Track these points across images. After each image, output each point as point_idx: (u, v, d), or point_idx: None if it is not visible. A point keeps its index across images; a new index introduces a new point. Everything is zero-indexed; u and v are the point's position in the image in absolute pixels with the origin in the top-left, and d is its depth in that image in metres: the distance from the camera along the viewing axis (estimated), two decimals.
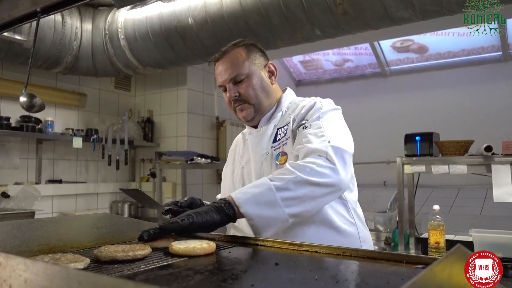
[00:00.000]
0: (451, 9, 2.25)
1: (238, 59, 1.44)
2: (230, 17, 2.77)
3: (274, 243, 1.04)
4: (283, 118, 1.48)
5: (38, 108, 2.02)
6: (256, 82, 1.45)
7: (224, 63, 1.46)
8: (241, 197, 1.12)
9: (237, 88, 1.44)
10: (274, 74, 1.53)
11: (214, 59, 1.50)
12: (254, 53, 1.49)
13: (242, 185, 1.44)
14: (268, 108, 1.49)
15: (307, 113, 1.39)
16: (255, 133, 1.52)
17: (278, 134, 1.45)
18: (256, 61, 1.48)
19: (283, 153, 1.39)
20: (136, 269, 0.82)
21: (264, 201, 1.13)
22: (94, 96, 4.18)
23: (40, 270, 0.49)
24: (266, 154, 1.43)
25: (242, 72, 1.43)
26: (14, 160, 3.45)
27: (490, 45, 4.49)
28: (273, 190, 1.14)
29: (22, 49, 2.98)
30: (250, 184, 1.23)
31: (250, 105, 1.45)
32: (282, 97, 1.53)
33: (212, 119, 4.49)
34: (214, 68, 1.52)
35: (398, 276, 0.77)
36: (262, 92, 1.46)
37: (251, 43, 1.51)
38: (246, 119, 1.49)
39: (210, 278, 0.74)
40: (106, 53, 3.43)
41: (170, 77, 4.34)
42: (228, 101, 1.49)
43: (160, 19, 3.08)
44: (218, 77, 1.48)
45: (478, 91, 4.47)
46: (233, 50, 1.47)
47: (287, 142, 1.39)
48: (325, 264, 0.88)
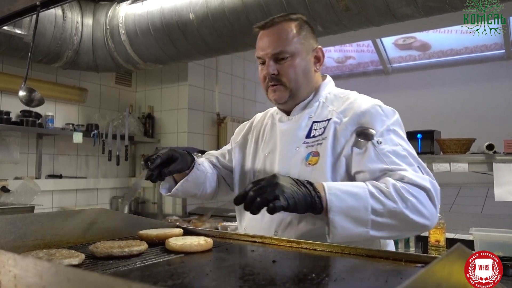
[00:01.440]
0: (454, 6, 2.23)
1: (287, 34, 1.28)
2: (231, 12, 2.75)
3: (272, 240, 1.03)
4: (320, 110, 1.33)
5: (37, 102, 2.01)
6: (300, 64, 1.29)
7: (270, 35, 1.30)
8: (335, 202, 1.04)
9: (277, 66, 1.29)
10: (320, 61, 1.37)
11: (260, 26, 1.33)
12: (306, 32, 1.32)
13: (264, 175, 1.32)
14: (305, 95, 1.34)
15: (367, 119, 1.22)
16: (286, 120, 1.38)
17: (313, 129, 1.30)
18: (305, 41, 1.32)
19: (315, 153, 1.25)
20: (132, 265, 0.81)
21: (355, 216, 1.04)
22: (95, 91, 4.16)
23: (30, 266, 0.48)
24: (296, 150, 1.29)
25: (288, 49, 1.27)
26: (14, 155, 3.44)
27: (493, 43, 4.46)
28: (369, 210, 1.05)
29: (23, 43, 2.97)
30: (347, 184, 1.11)
31: (286, 88, 1.30)
32: (321, 85, 1.38)
33: (213, 115, 4.47)
34: (257, 37, 1.35)
35: (397, 274, 0.76)
36: (303, 77, 1.31)
37: (305, 20, 1.35)
38: (277, 102, 1.35)
39: (205, 275, 0.73)
40: (106, 48, 3.41)
41: (171, 73, 4.32)
42: (262, 77, 1.34)
43: (161, 14, 3.07)
44: (259, 49, 1.32)
45: (480, 89, 4.44)
46: (284, 22, 1.31)
47: (322, 143, 1.25)
48: (324, 262, 0.87)
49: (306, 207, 1.02)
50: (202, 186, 1.43)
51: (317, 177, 1.17)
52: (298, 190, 1.01)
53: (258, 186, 0.98)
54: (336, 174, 1.21)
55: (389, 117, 1.23)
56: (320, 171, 1.20)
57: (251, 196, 0.96)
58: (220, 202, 4.47)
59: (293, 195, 0.99)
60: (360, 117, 1.22)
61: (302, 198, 1.01)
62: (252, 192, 0.97)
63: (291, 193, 0.99)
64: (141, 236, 1.04)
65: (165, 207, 4.15)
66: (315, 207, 1.03)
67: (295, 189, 1.00)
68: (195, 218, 3.61)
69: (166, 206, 4.16)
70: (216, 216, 3.72)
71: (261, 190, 0.96)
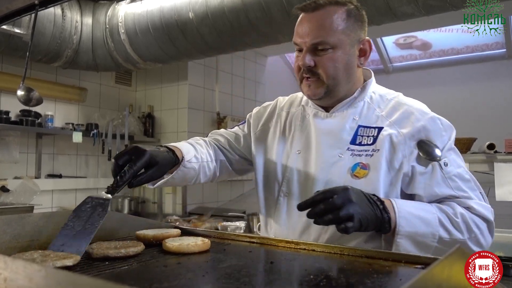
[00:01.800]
0: (455, 5, 2.22)
1: (331, 22, 1.11)
2: (231, 11, 2.74)
3: (270, 240, 1.02)
4: (366, 112, 1.20)
5: (36, 101, 2.01)
6: (341, 58, 1.13)
7: (311, 20, 1.13)
8: (405, 227, 1.00)
9: (315, 58, 1.13)
10: (366, 55, 1.20)
11: (302, 8, 1.16)
12: (354, 21, 1.15)
13: (297, 176, 1.21)
14: (343, 93, 1.19)
15: (427, 134, 1.12)
16: (324, 117, 1.23)
17: (359, 134, 1.17)
18: (352, 32, 1.14)
19: (363, 165, 1.12)
20: (128, 266, 0.80)
21: (421, 242, 1.02)
22: (95, 90, 4.16)
23: (20, 269, 0.47)
24: (340, 156, 1.15)
25: (330, 40, 1.11)
26: (13, 154, 3.44)
27: (494, 42, 4.44)
28: (436, 238, 1.02)
29: (22, 43, 2.96)
30: (417, 207, 1.05)
31: (323, 83, 1.15)
32: (367, 83, 1.23)
33: (213, 115, 4.46)
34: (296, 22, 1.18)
35: (396, 276, 0.75)
36: (343, 73, 1.15)
37: (355, 5, 1.17)
38: (311, 98, 1.21)
39: (201, 276, 0.72)
40: (106, 47, 3.41)
41: (171, 72, 4.31)
42: (297, 67, 1.18)
43: (160, 13, 3.06)
44: (297, 35, 1.16)
45: (481, 89, 4.43)
46: (330, 6, 1.13)
47: (373, 155, 1.12)
48: (322, 263, 0.86)
49: (374, 228, 0.98)
50: (193, 179, 1.29)
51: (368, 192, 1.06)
52: (371, 210, 0.96)
53: (330, 200, 0.92)
54: (392, 192, 1.11)
55: (447, 132, 1.15)
56: (371, 187, 1.08)
57: (321, 209, 0.92)
58: (220, 201, 4.47)
59: (366, 216, 0.94)
60: (421, 131, 1.12)
61: (374, 219, 0.97)
62: (322, 205, 0.92)
63: (365, 214, 0.94)
64: (138, 236, 1.03)
65: (165, 206, 4.15)
66: (383, 229, 1.00)
67: (368, 209, 0.95)
68: (195, 218, 3.60)
69: (166, 206, 4.15)
70: (216, 215, 3.71)
71: (333, 206, 0.91)
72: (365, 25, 1.20)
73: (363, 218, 0.93)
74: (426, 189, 1.10)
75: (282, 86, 5.44)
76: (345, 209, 0.91)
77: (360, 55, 1.19)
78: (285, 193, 1.23)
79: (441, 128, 1.14)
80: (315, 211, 0.93)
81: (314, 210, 0.93)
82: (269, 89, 5.22)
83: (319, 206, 0.93)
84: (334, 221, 0.92)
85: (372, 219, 0.96)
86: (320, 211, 0.92)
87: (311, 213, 0.94)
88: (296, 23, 1.18)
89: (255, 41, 2.96)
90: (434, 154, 1.10)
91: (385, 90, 1.27)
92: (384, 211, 0.98)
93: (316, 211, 0.93)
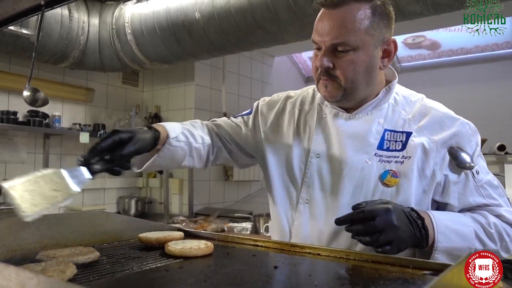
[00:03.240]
0: (465, 4, 2.18)
1: (354, 21, 1.02)
2: (238, 11, 2.73)
3: (275, 244, 1.00)
4: (391, 115, 1.13)
5: (42, 102, 2.01)
6: (362, 60, 1.04)
7: (332, 18, 1.04)
8: (443, 243, 0.98)
9: (334, 59, 1.05)
10: (390, 56, 1.11)
11: (323, 2, 1.06)
12: (380, 19, 1.05)
13: (318, 182, 1.13)
14: (363, 96, 1.12)
15: (458, 140, 1.09)
16: (346, 119, 1.15)
17: (386, 139, 1.10)
18: (376, 31, 1.05)
19: (394, 173, 1.06)
20: (129, 270, 0.78)
21: (457, 255, 0.99)
22: (102, 91, 4.16)
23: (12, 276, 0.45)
24: (367, 162, 1.08)
25: (351, 41, 1.02)
26: (21, 155, 3.45)
27: (505, 42, 4.38)
28: (472, 252, 0.96)
29: (29, 43, 2.97)
30: (455, 220, 1.03)
31: (340, 86, 1.07)
32: (392, 84, 1.16)
33: (220, 115, 4.44)
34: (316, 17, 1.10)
35: (404, 282, 0.73)
36: (364, 77, 1.07)
37: (381, 1, 1.07)
38: (328, 100, 1.13)
39: (203, 282, 0.70)
40: (113, 48, 3.41)
41: (178, 73, 4.30)
42: (315, 68, 1.11)
43: (167, 13, 3.05)
44: (317, 32, 1.08)
45: (491, 89, 4.37)
46: (354, 3, 1.03)
47: (404, 162, 1.06)
48: (327, 268, 0.84)
49: (411, 246, 0.97)
50: (183, 160, 1.20)
51: (399, 202, 1.02)
52: (411, 232, 0.94)
53: (371, 223, 0.89)
54: (424, 201, 1.07)
55: (475, 137, 1.12)
56: (402, 196, 1.04)
57: (360, 229, 0.91)
58: (227, 202, 4.46)
59: (406, 240, 0.93)
60: (452, 138, 1.08)
61: (411, 240, 0.94)
62: (362, 227, 0.90)
63: (405, 239, 0.92)
64: (141, 239, 1.01)
65: (172, 207, 4.14)
66: (420, 246, 0.98)
67: (408, 233, 0.93)
68: (202, 219, 3.59)
69: (173, 206, 4.14)
70: (223, 216, 3.70)
71: (374, 229, 0.89)
72: (392, 22, 1.10)
73: (402, 244, 0.92)
74: (460, 198, 1.07)
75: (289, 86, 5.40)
76: (385, 234, 0.89)
77: (384, 56, 1.10)
78: (305, 200, 1.15)
79: (470, 133, 1.11)
80: (354, 229, 0.92)
81: (352, 228, 0.92)
82: (276, 89, 5.20)
83: (358, 226, 0.91)
84: (372, 244, 0.90)
85: (411, 241, 0.95)
86: (358, 232, 0.91)
87: (349, 230, 0.92)
88: (316, 18, 1.10)
89: (261, 41, 2.94)
90: (466, 161, 1.06)
91: (408, 91, 1.21)
92: (423, 229, 0.96)
93: (355, 230, 0.92)
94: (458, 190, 1.07)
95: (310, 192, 1.14)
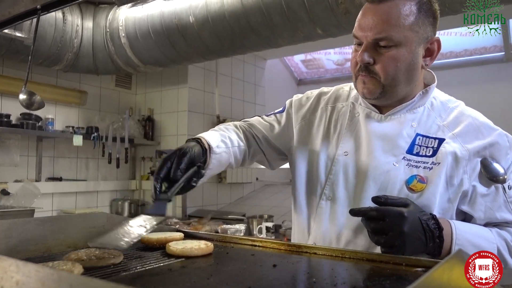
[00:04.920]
0: (454, 9, 2.24)
1: (398, 16, 1.00)
2: (231, 15, 2.76)
3: (272, 244, 1.03)
4: (425, 120, 1.10)
5: (38, 105, 2.02)
6: (405, 57, 1.02)
7: (376, 13, 1.02)
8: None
9: (375, 54, 1.03)
10: (432, 55, 1.09)
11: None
12: (425, 17, 1.03)
13: (343, 179, 1.12)
14: (402, 95, 1.09)
15: (493, 151, 1.04)
16: (378, 119, 1.13)
17: (416, 143, 1.07)
18: (420, 29, 1.03)
19: (421, 179, 1.03)
20: (133, 270, 0.81)
21: None
22: (95, 93, 4.17)
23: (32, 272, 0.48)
24: (394, 165, 1.06)
25: (394, 36, 1.00)
26: (14, 158, 3.45)
27: (493, 46, 4.47)
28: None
29: (23, 46, 2.97)
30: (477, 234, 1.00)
31: (379, 83, 1.05)
32: (431, 87, 1.13)
33: (213, 118, 4.47)
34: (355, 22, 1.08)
35: (397, 279, 0.76)
36: (405, 74, 1.04)
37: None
38: (366, 97, 1.10)
39: (206, 279, 0.73)
40: (106, 51, 3.42)
41: (171, 76, 4.32)
42: (354, 63, 1.08)
43: (161, 17, 3.07)
44: (359, 27, 1.05)
45: (480, 92, 4.45)
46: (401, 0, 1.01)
47: (433, 168, 1.03)
48: (324, 266, 0.87)
49: (417, 253, 0.93)
50: (227, 164, 1.22)
51: (423, 208, 1.00)
52: (421, 240, 0.92)
53: (381, 223, 0.91)
54: (449, 209, 1.04)
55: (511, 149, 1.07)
56: (427, 202, 1.01)
57: (371, 227, 0.92)
58: (220, 204, 4.48)
59: (412, 248, 0.91)
60: (486, 148, 1.04)
61: (419, 248, 0.93)
62: (372, 225, 0.92)
63: (410, 246, 0.90)
64: (142, 240, 1.04)
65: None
66: (431, 255, 0.95)
67: (418, 242, 0.91)
68: (195, 221, 3.61)
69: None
70: (216, 218, 3.72)
71: (382, 230, 0.91)
72: (437, 21, 1.08)
73: (408, 250, 0.90)
74: (486, 212, 1.04)
75: (281, 89, 5.46)
76: (390, 237, 0.90)
77: (426, 55, 1.08)
78: (328, 197, 1.13)
79: (507, 146, 1.06)
80: (364, 224, 0.94)
81: (363, 222, 0.94)
82: (269, 92, 5.24)
83: (368, 222, 0.93)
84: (377, 243, 0.92)
85: (419, 249, 0.93)
86: (368, 228, 0.93)
87: (363, 223, 0.95)
88: (359, 14, 1.07)
89: (255, 44, 2.98)
90: (498, 174, 1.02)
91: (447, 97, 1.18)
92: (438, 239, 0.94)
93: (365, 225, 0.94)
94: (486, 203, 1.03)
95: (334, 189, 1.13)
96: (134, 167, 4.49)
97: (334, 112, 1.23)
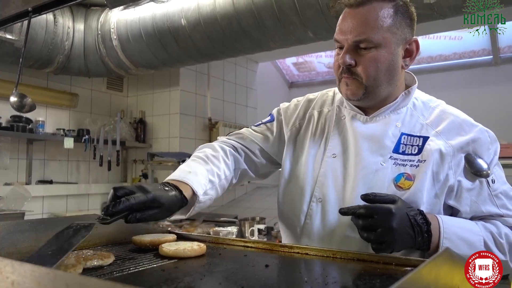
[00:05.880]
0: (443, 13, 2.27)
1: (376, 19, 1.05)
2: (223, 18, 2.77)
3: (264, 244, 1.04)
4: (409, 120, 1.14)
5: (29, 108, 2.01)
6: (385, 57, 1.07)
7: (355, 17, 1.07)
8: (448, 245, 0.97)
9: (356, 56, 1.07)
10: (412, 56, 1.13)
11: (347, 2, 1.09)
12: (402, 18, 1.08)
13: (332, 180, 1.14)
14: (384, 95, 1.13)
15: (476, 147, 1.08)
16: (364, 121, 1.16)
17: (402, 142, 1.11)
18: (398, 30, 1.07)
19: (409, 176, 1.06)
20: (126, 271, 0.81)
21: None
22: (86, 96, 4.15)
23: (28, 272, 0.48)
24: (382, 165, 1.09)
25: (374, 38, 1.05)
26: (4, 160, 3.42)
27: (481, 49, 4.53)
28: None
29: (13, 49, 2.96)
30: (464, 228, 1.02)
31: (361, 84, 1.08)
32: (412, 88, 1.17)
33: (205, 120, 4.48)
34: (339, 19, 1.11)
35: (387, 278, 0.78)
36: (385, 74, 1.08)
37: (404, 1, 1.10)
38: (349, 98, 1.13)
39: (199, 280, 0.74)
40: (98, 53, 3.41)
41: (163, 78, 4.32)
42: (337, 66, 1.12)
43: (153, 20, 3.08)
44: (340, 31, 1.10)
45: (468, 95, 4.51)
46: (377, 2, 1.06)
47: (419, 165, 1.06)
48: (315, 266, 0.88)
49: (407, 248, 0.97)
50: (212, 201, 1.23)
51: (411, 204, 1.02)
52: (409, 235, 0.94)
53: (369, 220, 0.92)
54: (436, 204, 1.06)
55: (493, 145, 1.10)
56: (414, 198, 1.04)
57: (360, 224, 0.94)
58: (212, 207, 4.48)
59: (401, 243, 0.93)
60: (469, 144, 1.08)
61: (409, 243, 0.95)
62: (361, 222, 0.93)
63: (399, 241, 0.92)
64: (135, 241, 1.04)
65: None
66: (420, 249, 0.99)
67: (406, 236, 0.93)
68: (187, 223, 3.61)
69: None
70: (208, 221, 3.72)
71: (371, 227, 0.92)
72: (414, 23, 1.12)
73: (396, 245, 0.93)
74: (472, 206, 1.06)
75: (273, 92, 5.48)
76: (379, 233, 0.91)
77: (406, 56, 1.12)
78: (318, 199, 1.15)
79: (488, 141, 1.10)
80: (354, 223, 0.95)
81: (353, 221, 0.96)
82: (260, 94, 5.26)
83: (358, 221, 0.94)
84: (367, 240, 0.93)
85: (408, 244, 0.95)
86: (357, 225, 0.95)
87: (353, 221, 0.96)
88: (339, 19, 1.11)
89: (247, 47, 2.99)
90: (482, 169, 1.05)
91: (428, 97, 1.22)
92: (426, 233, 0.96)
93: (355, 223, 0.95)
94: (471, 197, 1.06)
95: (324, 191, 1.15)
96: (126, 169, 4.47)
97: (321, 116, 1.26)
